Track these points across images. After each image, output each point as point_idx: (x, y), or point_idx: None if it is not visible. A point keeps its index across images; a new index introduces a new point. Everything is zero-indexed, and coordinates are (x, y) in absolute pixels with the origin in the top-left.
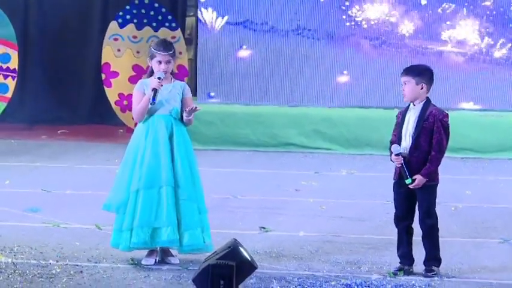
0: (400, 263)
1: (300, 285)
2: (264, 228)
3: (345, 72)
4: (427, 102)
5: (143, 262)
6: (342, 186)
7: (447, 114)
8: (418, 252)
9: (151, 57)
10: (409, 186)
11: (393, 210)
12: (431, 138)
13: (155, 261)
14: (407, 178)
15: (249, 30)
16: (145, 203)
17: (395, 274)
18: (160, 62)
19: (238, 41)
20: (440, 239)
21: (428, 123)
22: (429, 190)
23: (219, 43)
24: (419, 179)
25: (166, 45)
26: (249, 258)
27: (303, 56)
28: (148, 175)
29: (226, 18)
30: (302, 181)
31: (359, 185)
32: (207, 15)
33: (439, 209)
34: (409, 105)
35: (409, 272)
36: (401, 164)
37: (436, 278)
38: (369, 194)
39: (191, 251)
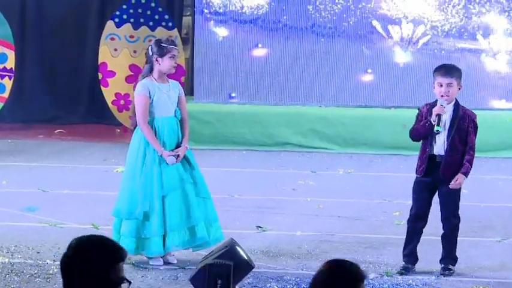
0: (405, 262)
1: (297, 284)
2: (261, 227)
3: (344, 71)
4: (457, 102)
5: (152, 263)
6: (339, 185)
7: (476, 114)
8: (423, 251)
9: (164, 53)
10: (450, 186)
11: (390, 209)
12: (465, 137)
13: (164, 262)
14: (438, 125)
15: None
16: (174, 206)
17: (401, 274)
18: (173, 57)
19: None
20: (436, 237)
21: (464, 123)
22: (457, 190)
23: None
24: (461, 178)
25: (173, 41)
26: (246, 258)
27: (301, 54)
28: (169, 179)
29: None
30: (299, 180)
31: (356, 184)
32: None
33: (436, 208)
34: (435, 103)
35: (413, 271)
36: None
37: (433, 277)
38: (366, 193)
39: (215, 244)
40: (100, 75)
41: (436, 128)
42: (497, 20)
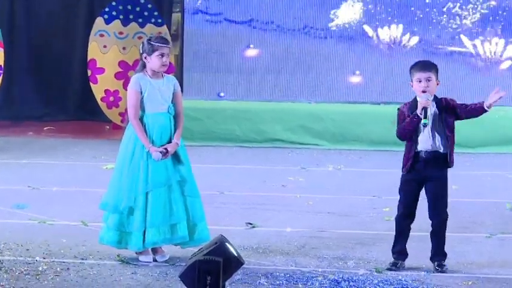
0: (395, 258)
1: (286, 280)
2: (250, 224)
3: (334, 68)
4: (436, 96)
5: (141, 259)
6: (329, 181)
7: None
8: (411, 247)
9: (152, 51)
10: (499, 93)
11: (380, 205)
12: (453, 121)
13: (153, 259)
14: (426, 118)
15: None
16: (157, 203)
17: (390, 270)
18: (162, 55)
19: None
20: (425, 233)
21: (448, 112)
22: (445, 185)
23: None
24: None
25: (165, 39)
26: (236, 254)
27: (290, 52)
28: (155, 175)
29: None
30: (289, 177)
31: (346, 180)
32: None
33: (425, 204)
34: (414, 100)
35: (403, 267)
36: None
37: (423, 273)
38: (355, 189)
39: (199, 244)
40: (89, 72)
41: (423, 121)
42: (483, 23)
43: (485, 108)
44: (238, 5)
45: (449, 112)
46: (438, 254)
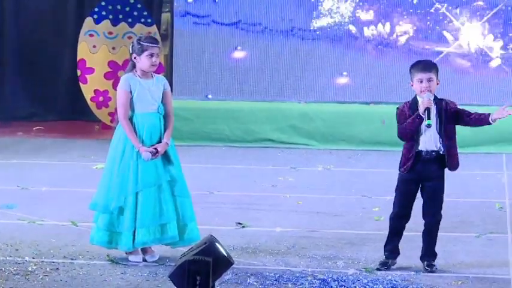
0: (386, 256)
1: (276, 280)
2: (240, 223)
3: (322, 68)
4: (436, 96)
5: (131, 259)
6: (319, 181)
7: (455, 102)
8: (402, 247)
9: (141, 51)
10: (507, 111)
11: (369, 205)
12: (455, 123)
13: (143, 259)
14: (429, 118)
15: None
16: (147, 203)
17: (379, 269)
18: (151, 56)
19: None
20: (416, 233)
21: (450, 114)
22: (442, 186)
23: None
24: (503, 110)
25: (154, 39)
26: (226, 254)
27: (279, 52)
28: (145, 175)
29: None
30: (278, 176)
31: (335, 180)
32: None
33: (417, 204)
34: (415, 100)
35: (394, 264)
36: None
37: (412, 273)
38: (345, 189)
39: (189, 244)
40: (79, 72)
41: (427, 122)
42: (471, 23)
43: (491, 121)
44: (225, 7)
45: (449, 115)
46: (428, 254)
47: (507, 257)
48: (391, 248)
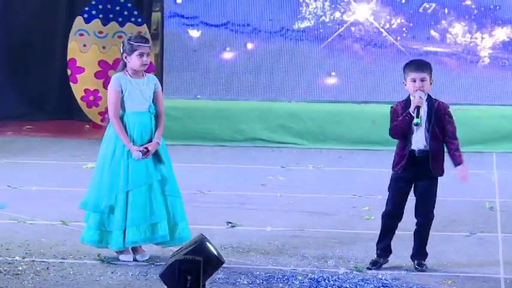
0: (377, 255)
1: (267, 280)
2: (231, 223)
3: (312, 68)
4: (429, 96)
5: (121, 258)
6: (309, 180)
7: (448, 105)
8: (392, 246)
9: (131, 50)
10: (460, 180)
11: (360, 204)
12: (442, 128)
13: (134, 258)
14: (418, 117)
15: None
16: (137, 202)
17: (369, 269)
18: (142, 55)
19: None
20: (407, 232)
21: (439, 115)
22: (435, 186)
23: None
24: (464, 169)
25: (145, 38)
26: (216, 254)
27: (269, 52)
28: (136, 174)
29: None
30: (269, 176)
31: (326, 179)
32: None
33: (409, 203)
34: (408, 99)
35: (386, 263)
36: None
37: (403, 272)
38: (335, 188)
39: (180, 244)
40: (69, 72)
41: (415, 121)
42: (459, 23)
43: (454, 167)
44: (214, 9)
45: (438, 116)
46: (419, 253)
47: (497, 256)
48: (384, 247)
